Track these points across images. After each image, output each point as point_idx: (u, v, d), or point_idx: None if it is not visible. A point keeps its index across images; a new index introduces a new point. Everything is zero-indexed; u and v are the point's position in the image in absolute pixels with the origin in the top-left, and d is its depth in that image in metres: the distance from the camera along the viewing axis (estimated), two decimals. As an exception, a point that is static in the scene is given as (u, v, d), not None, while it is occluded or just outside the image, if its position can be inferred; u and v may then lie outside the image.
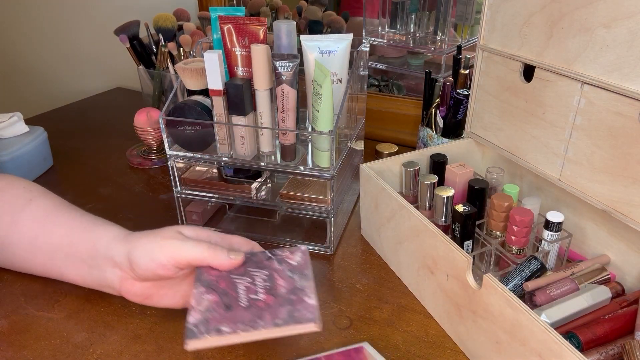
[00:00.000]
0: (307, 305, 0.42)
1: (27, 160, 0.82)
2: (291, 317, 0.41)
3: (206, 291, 0.44)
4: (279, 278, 0.45)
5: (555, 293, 0.47)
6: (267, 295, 0.43)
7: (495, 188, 0.61)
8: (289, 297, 0.43)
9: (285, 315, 0.41)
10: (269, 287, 0.44)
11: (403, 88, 1.00)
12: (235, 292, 0.44)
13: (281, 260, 0.48)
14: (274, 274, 0.46)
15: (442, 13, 0.88)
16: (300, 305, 0.42)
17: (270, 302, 0.43)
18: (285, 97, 0.58)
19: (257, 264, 0.47)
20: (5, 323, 0.54)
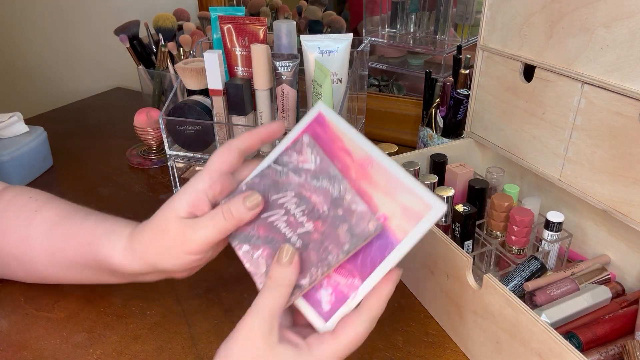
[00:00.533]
0: (360, 214, 0.36)
1: (27, 160, 0.82)
2: (354, 236, 0.36)
3: (252, 248, 0.39)
4: (311, 194, 0.39)
5: (555, 293, 0.47)
6: (313, 222, 0.38)
7: (496, 188, 0.61)
8: (336, 214, 0.37)
9: (347, 238, 0.36)
10: (308, 211, 0.38)
11: (403, 88, 1.00)
12: (280, 234, 0.38)
13: (296, 169, 0.40)
14: (301, 191, 0.39)
15: (442, 13, 0.88)
16: (353, 218, 0.36)
17: (321, 228, 0.37)
18: (285, 97, 0.58)
19: (276, 186, 0.40)
20: (5, 323, 0.54)
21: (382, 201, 0.36)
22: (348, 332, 0.36)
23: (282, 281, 0.36)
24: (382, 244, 0.36)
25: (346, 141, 0.39)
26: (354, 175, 0.38)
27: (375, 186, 0.37)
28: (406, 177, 0.36)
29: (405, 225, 0.36)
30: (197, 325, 0.54)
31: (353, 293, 0.36)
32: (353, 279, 0.36)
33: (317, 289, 0.37)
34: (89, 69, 1.38)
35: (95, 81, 1.36)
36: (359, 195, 0.37)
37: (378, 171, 0.37)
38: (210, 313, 0.55)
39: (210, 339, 0.52)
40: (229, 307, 0.56)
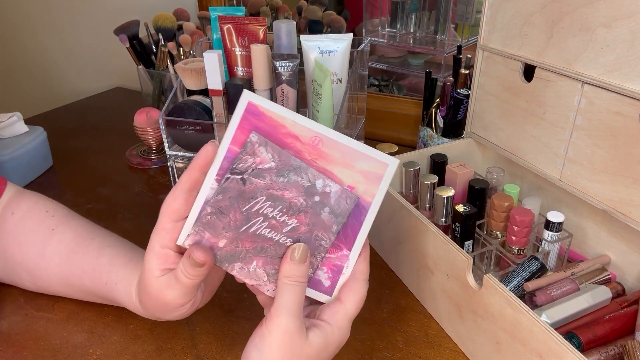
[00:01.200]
0: (335, 194, 0.38)
1: (27, 160, 0.82)
2: (337, 216, 0.38)
3: (245, 263, 0.39)
4: (282, 192, 0.38)
5: (555, 293, 0.47)
6: (296, 217, 0.38)
7: (496, 188, 0.61)
8: (314, 202, 0.38)
9: (332, 220, 0.38)
10: (286, 209, 0.38)
11: (403, 88, 1.00)
12: (268, 240, 0.39)
13: (257, 173, 0.38)
14: (272, 193, 0.38)
15: (442, 13, 0.88)
16: (330, 199, 0.38)
17: (306, 220, 0.38)
18: (285, 97, 0.58)
19: (243, 196, 0.38)
20: (5, 323, 0.54)
21: (343, 174, 0.38)
22: (354, 297, 0.39)
23: (300, 278, 0.38)
24: (356, 212, 0.39)
25: (289, 125, 0.38)
26: (309, 157, 0.38)
27: (332, 162, 0.38)
28: (357, 144, 0.38)
29: (371, 189, 0.39)
30: (197, 325, 0.54)
31: (346, 262, 0.40)
32: (341, 250, 0.40)
33: (315, 273, 0.40)
34: (89, 69, 1.38)
35: (95, 81, 1.36)
36: (330, 179, 0.39)
37: (329, 146, 0.38)
38: (210, 313, 0.55)
39: (210, 339, 0.52)
40: (229, 307, 0.56)
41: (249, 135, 0.38)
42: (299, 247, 0.38)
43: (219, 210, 0.39)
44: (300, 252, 0.38)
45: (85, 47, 1.35)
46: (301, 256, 0.38)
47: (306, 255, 0.38)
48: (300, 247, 0.38)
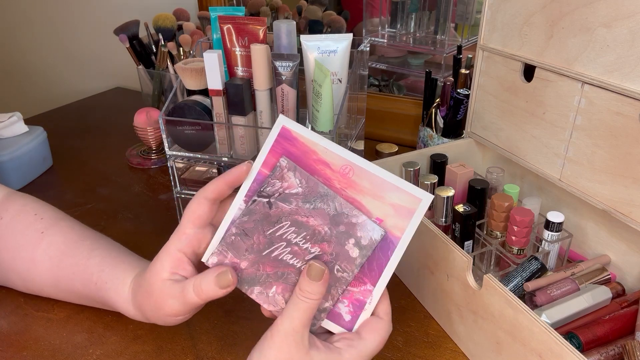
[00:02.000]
0: (361, 225, 0.36)
1: (27, 160, 0.82)
2: (362, 248, 0.36)
3: (264, 288, 0.39)
4: (307, 218, 0.38)
5: (555, 293, 0.47)
6: (319, 245, 0.37)
7: (496, 188, 0.61)
8: (339, 231, 0.37)
9: (357, 252, 0.37)
10: (310, 236, 0.38)
11: (403, 88, 1.00)
12: (290, 267, 0.38)
13: (284, 198, 0.38)
14: (297, 218, 0.38)
15: (442, 13, 0.88)
16: (356, 231, 0.37)
17: (329, 249, 0.37)
18: (285, 97, 0.58)
19: (268, 220, 0.38)
20: (5, 323, 0.54)
21: (372, 205, 0.37)
22: (375, 337, 0.38)
23: (313, 296, 0.37)
24: (383, 246, 0.37)
25: (320, 152, 0.38)
26: (338, 186, 0.38)
27: (362, 192, 0.37)
28: (389, 175, 0.37)
29: (401, 223, 0.37)
30: (197, 325, 0.54)
31: (369, 298, 0.38)
32: (365, 285, 0.38)
33: (336, 305, 0.38)
34: (89, 69, 1.38)
35: (95, 81, 1.36)
36: (358, 209, 0.37)
37: (360, 176, 0.37)
38: (210, 313, 0.55)
39: (210, 339, 0.52)
40: (229, 307, 0.56)
41: (279, 159, 0.38)
42: (314, 265, 0.37)
43: (244, 232, 0.39)
44: (315, 270, 0.37)
45: (85, 47, 1.35)
46: (315, 274, 0.37)
47: (321, 275, 0.37)
48: (316, 265, 0.37)
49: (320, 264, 0.37)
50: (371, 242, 0.37)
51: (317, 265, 0.37)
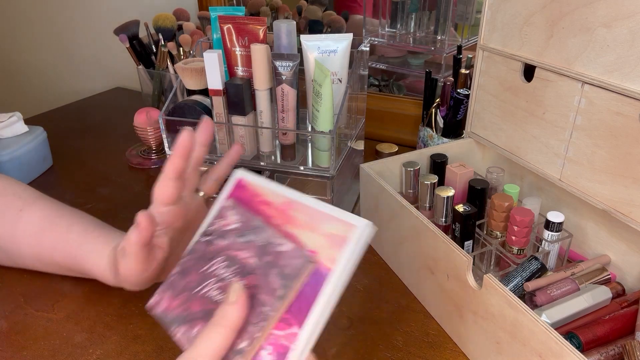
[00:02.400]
0: (287, 254, 0.33)
1: (27, 160, 0.82)
2: (284, 277, 0.32)
3: (189, 327, 0.36)
4: (238, 252, 0.36)
5: (555, 293, 0.47)
6: (245, 278, 0.34)
7: (496, 188, 0.61)
8: (265, 262, 0.34)
9: (279, 282, 0.32)
10: (238, 270, 0.35)
11: (403, 88, 1.00)
12: (215, 303, 0.35)
13: (222, 234, 0.38)
14: (229, 253, 0.36)
15: (442, 13, 0.88)
16: (281, 260, 0.33)
17: (254, 281, 0.34)
18: (285, 97, 0.58)
19: (204, 257, 0.37)
20: (5, 323, 0.54)
21: (307, 237, 0.34)
22: None
23: (221, 321, 0.31)
24: (314, 281, 0.32)
25: (265, 194, 0.38)
26: (278, 222, 0.36)
27: (299, 226, 0.35)
28: (325, 207, 0.34)
29: (333, 253, 0.32)
30: (197, 325, 0.54)
31: (294, 344, 0.31)
32: (291, 328, 0.31)
33: (257, 352, 0.32)
34: (89, 69, 1.38)
35: (95, 81, 1.36)
36: (286, 238, 0.35)
37: (299, 211, 0.35)
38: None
39: (210, 339, 0.52)
40: (229, 307, 0.56)
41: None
42: (234, 289, 0.32)
43: (183, 271, 0.38)
44: (232, 290, 0.32)
45: (86, 47, 1.35)
46: (232, 294, 0.32)
47: (238, 298, 0.32)
48: (236, 288, 0.32)
49: (240, 286, 0.32)
50: (294, 270, 0.32)
51: (236, 285, 0.32)
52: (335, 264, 0.32)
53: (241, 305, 0.31)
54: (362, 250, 0.32)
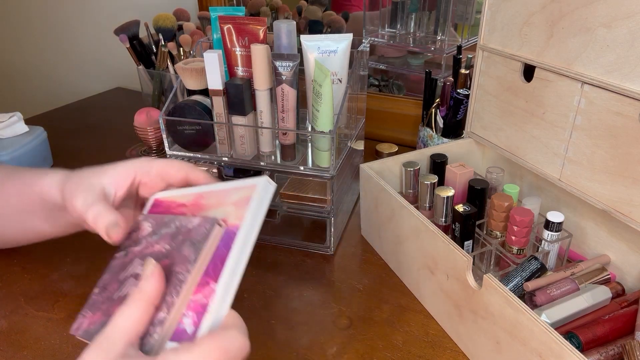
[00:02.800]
0: (196, 226, 0.35)
1: (27, 160, 0.82)
2: (195, 244, 0.33)
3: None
4: (151, 247, 0.37)
5: (555, 293, 0.47)
6: (161, 262, 0.34)
7: (496, 188, 0.61)
8: (178, 242, 0.35)
9: (191, 250, 0.33)
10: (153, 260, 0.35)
11: (403, 88, 1.00)
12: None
13: (135, 241, 0.39)
14: (144, 252, 0.37)
15: (442, 13, 0.88)
16: (191, 233, 0.35)
17: (169, 260, 0.35)
18: (285, 97, 0.58)
19: (122, 267, 0.38)
20: (5, 323, 0.54)
21: (217, 212, 0.36)
22: (212, 345, 0.29)
23: (138, 295, 0.31)
24: (225, 241, 0.34)
25: (179, 199, 0.41)
26: (191, 213, 0.39)
27: (209, 208, 0.37)
28: (231, 184, 0.37)
29: (240, 213, 0.34)
30: (197, 325, 0.54)
31: (212, 297, 0.32)
32: (208, 285, 0.32)
33: (180, 322, 0.32)
34: (89, 69, 1.38)
35: (95, 81, 1.36)
36: (196, 217, 0.36)
37: (208, 197, 0.38)
38: (210, 313, 0.55)
39: (210, 339, 0.52)
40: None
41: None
42: (148, 263, 0.33)
43: (103, 287, 0.39)
44: (145, 267, 0.33)
45: (85, 47, 1.35)
46: (145, 270, 0.33)
47: (150, 270, 0.32)
48: (149, 263, 0.33)
49: (153, 261, 0.33)
50: (203, 235, 0.33)
51: (149, 259, 0.33)
52: (243, 219, 0.34)
53: (156, 278, 0.32)
54: (267, 203, 0.35)
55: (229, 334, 0.30)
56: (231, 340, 0.30)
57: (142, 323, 0.31)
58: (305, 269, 0.62)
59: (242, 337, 0.31)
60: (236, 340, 0.30)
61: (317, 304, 0.57)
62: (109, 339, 0.30)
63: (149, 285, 0.32)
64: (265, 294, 0.58)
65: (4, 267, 0.63)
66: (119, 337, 0.30)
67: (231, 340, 0.30)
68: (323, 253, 0.65)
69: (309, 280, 0.60)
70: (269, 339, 0.52)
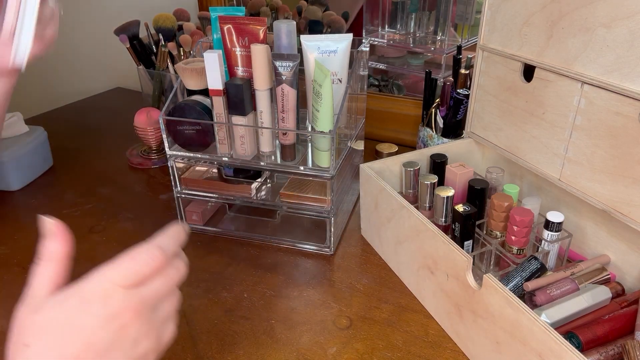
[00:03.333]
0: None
1: (27, 160, 0.82)
2: None
3: None
4: None
5: (555, 293, 0.47)
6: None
7: (495, 188, 0.61)
8: None
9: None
10: None
11: (403, 88, 1.00)
12: None
13: None
14: None
15: (442, 13, 0.88)
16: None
17: None
18: (285, 97, 0.58)
19: None
20: (5, 323, 0.54)
21: None
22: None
23: (47, 256, 0.35)
24: None
25: None
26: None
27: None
28: None
29: None
30: (197, 325, 0.54)
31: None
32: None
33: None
34: (89, 69, 1.38)
35: (95, 81, 1.36)
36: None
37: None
38: (210, 313, 0.55)
39: (210, 339, 0.52)
40: (229, 307, 0.56)
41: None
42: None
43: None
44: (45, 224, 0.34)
45: (86, 47, 1.35)
46: (45, 227, 0.34)
47: (51, 229, 0.34)
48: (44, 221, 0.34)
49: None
50: None
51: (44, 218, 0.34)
52: None
53: (59, 237, 0.34)
54: None
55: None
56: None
57: (58, 277, 0.34)
58: (305, 269, 0.62)
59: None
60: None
61: (317, 304, 0.57)
62: (34, 297, 0.33)
63: (54, 247, 0.34)
64: (265, 294, 0.58)
65: (4, 267, 0.63)
66: (42, 294, 0.33)
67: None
68: (323, 253, 0.65)
69: (309, 280, 0.60)
70: (269, 339, 0.52)
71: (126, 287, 0.32)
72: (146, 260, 0.33)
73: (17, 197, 0.79)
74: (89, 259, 0.65)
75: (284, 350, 0.50)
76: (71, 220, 0.73)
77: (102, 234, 0.69)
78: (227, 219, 0.72)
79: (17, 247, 0.67)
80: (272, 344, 0.51)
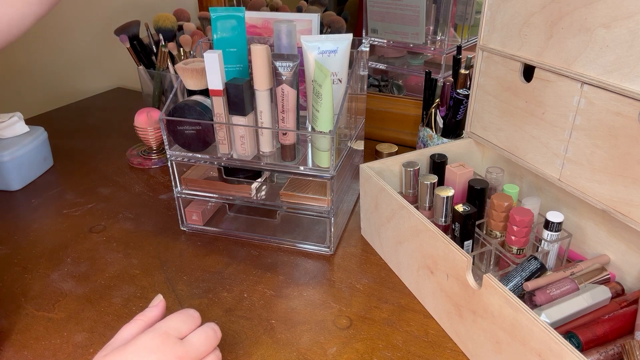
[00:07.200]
0: None
1: (28, 160, 0.82)
2: None
3: None
4: None
5: (555, 293, 0.47)
6: None
7: (495, 188, 0.61)
8: None
9: None
10: None
11: (403, 88, 1.00)
12: None
13: None
14: None
15: (442, 13, 0.88)
16: None
17: None
18: (285, 97, 0.58)
19: None
20: (5, 323, 0.55)
21: None
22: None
23: (141, 317, 0.42)
24: None
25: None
26: None
27: None
28: None
29: None
30: (197, 325, 0.54)
31: None
32: None
33: None
34: (89, 69, 1.38)
35: (95, 81, 1.37)
36: None
37: None
38: (210, 313, 0.55)
39: (211, 339, 0.52)
40: (229, 307, 0.56)
41: None
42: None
43: None
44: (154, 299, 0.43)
45: (86, 47, 1.35)
46: (153, 300, 0.43)
47: (157, 301, 0.43)
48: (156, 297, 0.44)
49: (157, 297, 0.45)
50: None
51: (159, 295, 0.44)
52: None
53: (159, 309, 0.43)
54: None
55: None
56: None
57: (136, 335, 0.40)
58: (305, 269, 0.63)
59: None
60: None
61: (317, 304, 0.57)
62: (112, 345, 0.40)
63: (152, 313, 0.42)
64: (265, 294, 0.58)
65: (4, 267, 0.63)
66: (119, 344, 0.40)
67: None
68: (323, 253, 0.65)
69: (309, 280, 0.60)
70: (269, 339, 0.52)
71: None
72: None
73: (17, 197, 0.79)
74: (89, 259, 0.65)
75: (284, 350, 0.50)
76: (71, 220, 0.73)
77: (102, 234, 0.69)
78: (227, 219, 0.72)
79: (17, 247, 0.67)
80: (272, 344, 0.51)
